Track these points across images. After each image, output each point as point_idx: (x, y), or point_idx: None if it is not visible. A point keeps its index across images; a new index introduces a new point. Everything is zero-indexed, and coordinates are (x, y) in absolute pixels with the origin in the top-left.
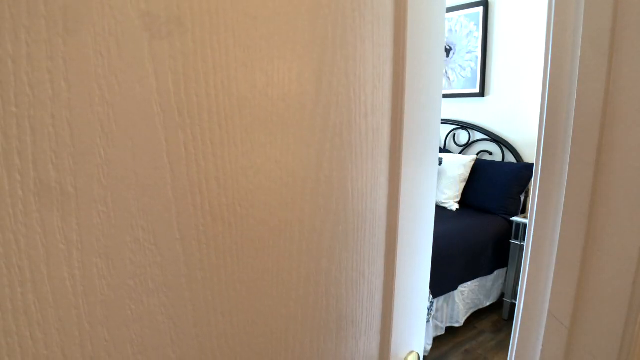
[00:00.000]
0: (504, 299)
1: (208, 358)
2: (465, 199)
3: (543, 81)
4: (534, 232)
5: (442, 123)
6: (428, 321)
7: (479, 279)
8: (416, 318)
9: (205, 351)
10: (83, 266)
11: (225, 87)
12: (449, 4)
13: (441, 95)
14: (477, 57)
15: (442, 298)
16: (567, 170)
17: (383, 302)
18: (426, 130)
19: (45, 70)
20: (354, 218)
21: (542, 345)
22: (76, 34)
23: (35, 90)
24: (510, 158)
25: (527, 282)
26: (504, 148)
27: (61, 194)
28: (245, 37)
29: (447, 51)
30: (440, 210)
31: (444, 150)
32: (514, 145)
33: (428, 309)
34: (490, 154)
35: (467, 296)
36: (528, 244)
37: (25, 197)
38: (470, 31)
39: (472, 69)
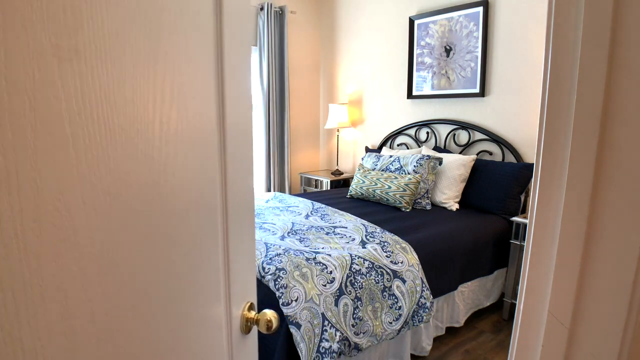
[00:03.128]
0: (504, 299)
1: (110, 296)
2: (465, 199)
3: (543, 81)
4: (534, 232)
5: (442, 123)
6: (428, 322)
7: (479, 279)
8: (247, 274)
9: (108, 293)
10: (23, 228)
11: (107, 96)
12: (449, 4)
13: (251, 103)
14: (477, 57)
15: (442, 298)
16: (567, 170)
17: (223, 262)
18: (242, 133)
19: None
20: (198, 196)
21: (542, 345)
22: (12, 61)
23: None
24: (510, 158)
25: (527, 282)
26: (504, 148)
27: (7, 174)
28: (119, 61)
29: (447, 51)
30: (440, 210)
31: (444, 150)
32: (514, 145)
33: (428, 309)
34: (490, 154)
35: (467, 296)
36: (528, 244)
37: None
38: (470, 31)
39: (472, 69)
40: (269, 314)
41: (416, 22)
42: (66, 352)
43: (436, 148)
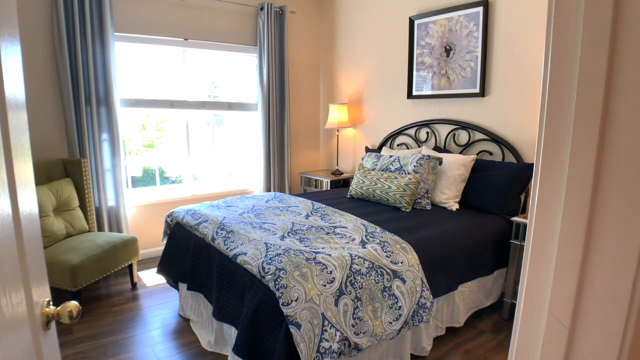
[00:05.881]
0: (504, 299)
1: None
2: (465, 199)
3: (543, 81)
4: (534, 232)
5: (442, 123)
6: (428, 322)
7: (479, 279)
8: (41, 276)
9: None
10: None
11: None
12: (449, 4)
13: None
14: (477, 57)
15: (442, 298)
16: (567, 170)
17: (20, 266)
18: (21, 151)
19: None
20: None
21: (542, 345)
22: None
23: None
24: (510, 158)
25: (527, 282)
26: (504, 148)
27: None
28: None
29: (447, 51)
30: (440, 210)
31: (444, 150)
32: (514, 145)
33: (428, 309)
34: (490, 154)
35: (467, 296)
36: (528, 244)
37: None
38: (470, 31)
39: (472, 69)
40: (70, 304)
41: (416, 22)
42: None
43: (436, 148)
